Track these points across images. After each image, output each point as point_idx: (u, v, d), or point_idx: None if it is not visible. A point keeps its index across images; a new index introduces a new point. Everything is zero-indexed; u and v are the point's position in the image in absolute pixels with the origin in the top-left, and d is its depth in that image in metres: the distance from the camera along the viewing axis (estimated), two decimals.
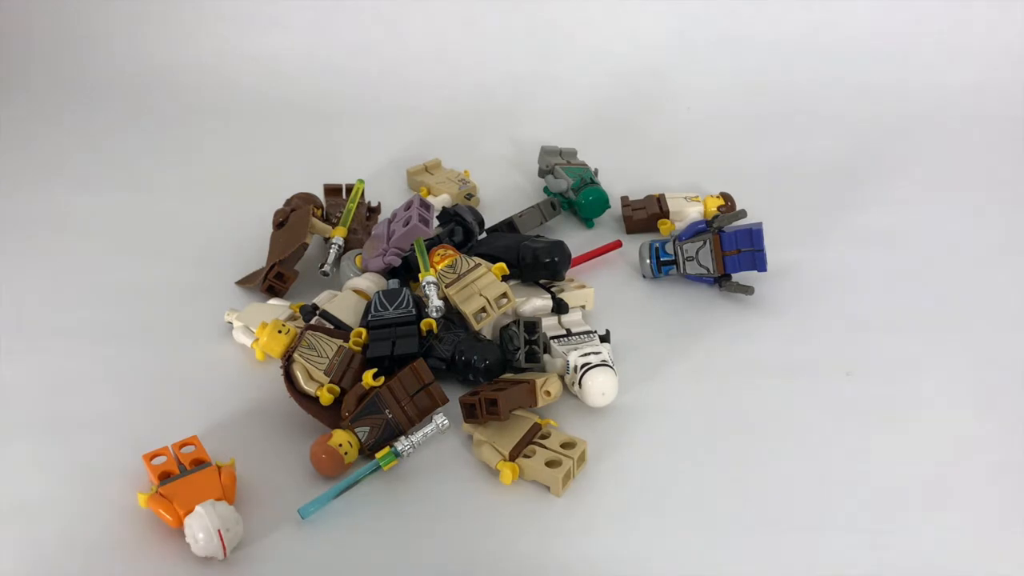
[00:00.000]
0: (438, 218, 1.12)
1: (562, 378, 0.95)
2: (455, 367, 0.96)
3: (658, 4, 1.62)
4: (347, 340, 0.95)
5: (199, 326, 1.05)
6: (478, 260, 1.02)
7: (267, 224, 1.17)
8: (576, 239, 1.17)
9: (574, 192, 1.24)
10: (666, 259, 1.11)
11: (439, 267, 1.01)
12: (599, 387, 0.92)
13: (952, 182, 1.35)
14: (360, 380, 0.90)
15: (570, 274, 1.10)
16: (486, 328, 1.00)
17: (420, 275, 1.00)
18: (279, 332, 0.96)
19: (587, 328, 1.01)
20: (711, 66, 1.58)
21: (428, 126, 1.49)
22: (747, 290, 1.08)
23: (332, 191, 1.22)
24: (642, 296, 1.12)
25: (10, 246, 1.20)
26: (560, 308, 1.03)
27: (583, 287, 1.07)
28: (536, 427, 0.90)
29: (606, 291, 1.10)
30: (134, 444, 0.87)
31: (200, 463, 0.83)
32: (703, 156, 1.42)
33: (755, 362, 1.01)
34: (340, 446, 0.85)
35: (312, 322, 0.98)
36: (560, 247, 1.06)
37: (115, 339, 1.03)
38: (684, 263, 1.10)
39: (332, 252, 1.11)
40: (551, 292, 1.05)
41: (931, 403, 0.96)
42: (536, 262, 1.05)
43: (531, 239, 1.09)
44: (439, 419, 0.88)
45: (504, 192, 1.33)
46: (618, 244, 1.18)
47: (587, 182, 1.24)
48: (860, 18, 1.60)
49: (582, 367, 0.93)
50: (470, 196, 1.28)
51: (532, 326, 0.97)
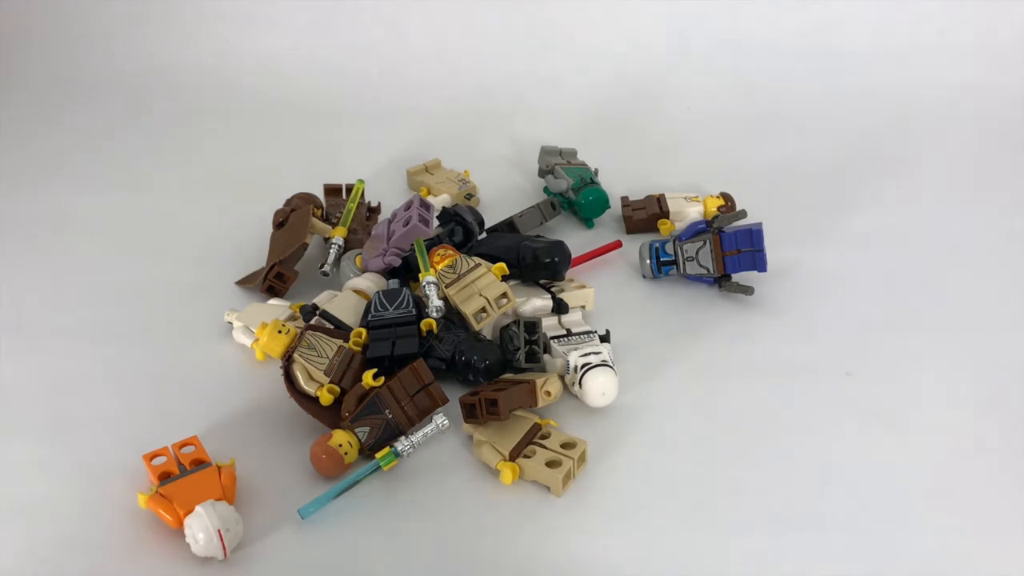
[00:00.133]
0: (438, 218, 1.12)
1: (562, 378, 0.95)
2: (455, 367, 0.96)
3: (658, 4, 1.62)
4: (347, 340, 0.95)
5: (199, 326, 1.05)
6: (478, 260, 1.02)
7: (267, 224, 1.17)
8: (576, 239, 1.17)
9: (574, 192, 1.23)
10: (666, 259, 1.11)
11: (439, 267, 1.01)
12: (599, 387, 0.92)
13: (952, 182, 1.35)
14: (360, 380, 0.90)
15: (570, 274, 1.10)
16: (486, 328, 1.00)
17: (420, 275, 1.00)
18: (279, 332, 0.96)
19: (587, 328, 1.01)
20: (711, 66, 1.58)
21: (428, 126, 1.49)
22: (747, 290, 1.08)
23: (332, 191, 1.22)
24: (642, 296, 1.12)
25: (10, 246, 1.20)
26: (560, 308, 1.03)
27: (583, 287, 1.07)
28: (536, 427, 0.90)
29: (606, 291, 1.10)
30: (134, 444, 0.87)
31: (200, 463, 0.83)
32: (703, 156, 1.42)
33: (755, 362, 1.01)
34: (340, 446, 0.85)
35: (312, 322, 0.98)
36: (560, 247, 1.06)
37: (115, 339, 1.03)
38: (684, 263, 1.10)
39: (332, 252, 1.11)
40: (551, 292, 1.05)
41: (931, 403, 0.96)
42: (536, 262, 1.05)
43: (531, 239, 1.09)
44: (439, 419, 0.88)
45: (504, 192, 1.33)
46: (618, 244, 1.18)
47: (587, 182, 1.24)
48: (860, 18, 1.59)
49: (582, 367, 0.93)
50: (470, 196, 1.28)
51: (532, 326, 0.97)
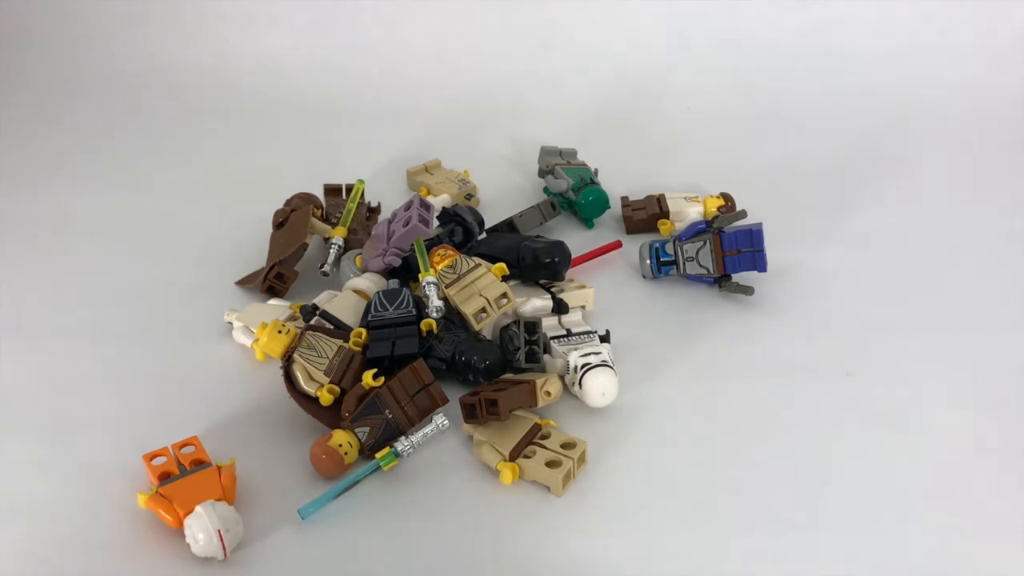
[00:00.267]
0: (438, 218, 1.12)
1: (562, 378, 0.95)
2: (455, 367, 0.96)
3: (658, 4, 1.62)
4: (347, 340, 0.95)
5: (199, 326, 1.05)
6: (478, 260, 1.02)
7: (267, 224, 1.17)
8: (576, 239, 1.17)
9: (574, 192, 1.23)
10: (666, 259, 1.11)
11: (439, 267, 1.01)
12: (599, 387, 0.92)
13: (952, 182, 1.35)
14: (360, 380, 0.90)
15: (570, 274, 1.10)
16: (486, 328, 1.00)
17: (420, 275, 1.00)
18: (279, 332, 0.96)
19: (587, 328, 1.01)
20: (711, 66, 1.58)
21: (428, 126, 1.49)
22: (747, 290, 1.08)
23: (332, 191, 1.22)
24: (642, 296, 1.12)
25: (10, 246, 1.20)
26: (560, 308, 1.03)
27: (583, 287, 1.07)
28: (536, 427, 0.90)
29: (606, 291, 1.10)
30: (134, 444, 0.87)
31: (200, 463, 0.83)
32: (703, 156, 1.42)
33: (755, 362, 1.01)
34: (340, 446, 0.85)
35: (312, 322, 0.98)
36: (560, 247, 1.06)
37: (115, 339, 1.03)
38: (684, 263, 1.10)
39: (332, 252, 1.11)
40: (551, 292, 1.05)
41: (931, 403, 0.96)
42: (536, 262, 1.05)
43: (531, 239, 1.09)
44: (439, 419, 0.88)
45: (504, 192, 1.33)
46: (618, 244, 1.18)
47: (587, 182, 1.24)
48: (860, 18, 1.59)
49: (582, 367, 0.93)
50: (470, 196, 1.28)
51: (532, 326, 0.97)
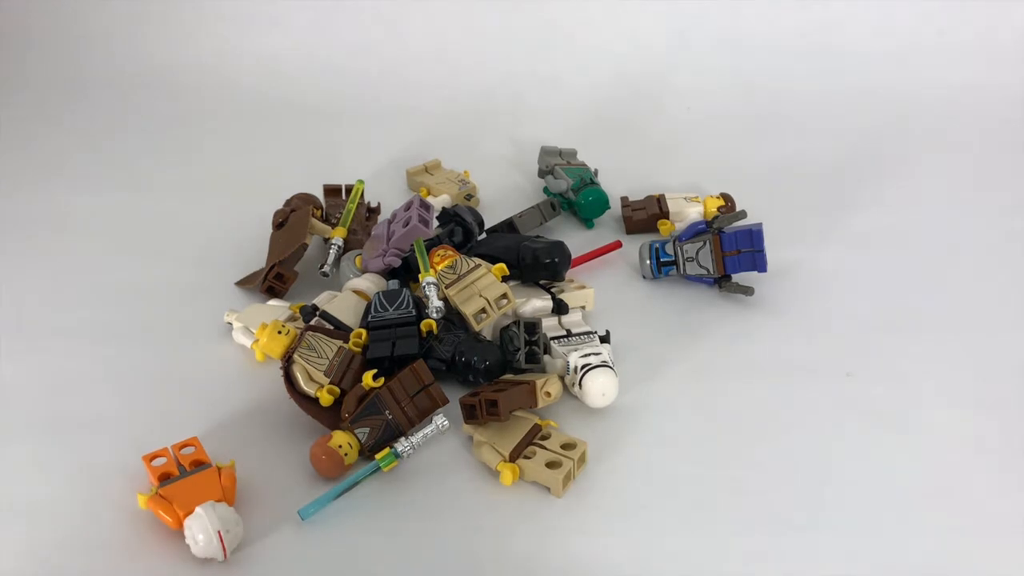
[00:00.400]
0: (438, 219, 1.12)
1: (562, 379, 0.95)
2: (455, 368, 0.96)
3: (658, 4, 1.62)
4: (347, 341, 0.95)
5: (199, 326, 1.05)
6: (478, 261, 1.02)
7: (267, 224, 1.17)
8: (576, 239, 1.17)
9: (574, 192, 1.23)
10: (666, 260, 1.11)
11: (439, 268, 1.01)
12: (599, 388, 0.92)
13: (952, 182, 1.35)
14: (360, 381, 0.90)
15: (570, 275, 1.10)
16: (486, 329, 1.00)
17: (420, 276, 1.00)
18: (279, 333, 0.96)
19: (587, 329, 1.01)
20: (711, 66, 1.58)
21: (428, 126, 1.49)
22: (747, 291, 1.08)
23: (332, 191, 1.22)
24: (642, 297, 1.12)
25: (10, 246, 1.20)
26: (560, 309, 1.03)
27: (583, 288, 1.07)
28: (536, 428, 0.90)
29: (606, 292, 1.10)
30: (134, 445, 0.87)
31: (200, 464, 0.83)
32: (703, 156, 1.42)
33: (755, 362, 1.01)
34: (340, 447, 0.85)
35: (312, 323, 0.98)
36: (560, 248, 1.06)
37: (115, 339, 1.03)
38: (684, 264, 1.10)
39: (332, 253, 1.11)
40: (551, 293, 1.05)
41: (931, 403, 0.96)
42: (536, 263, 1.05)
43: (531, 240, 1.09)
44: (439, 420, 0.88)
45: (504, 192, 1.33)
46: (618, 244, 1.18)
47: (587, 182, 1.24)
48: (860, 18, 1.59)
49: (582, 368, 0.93)
50: (470, 196, 1.28)
51: (532, 327, 0.97)
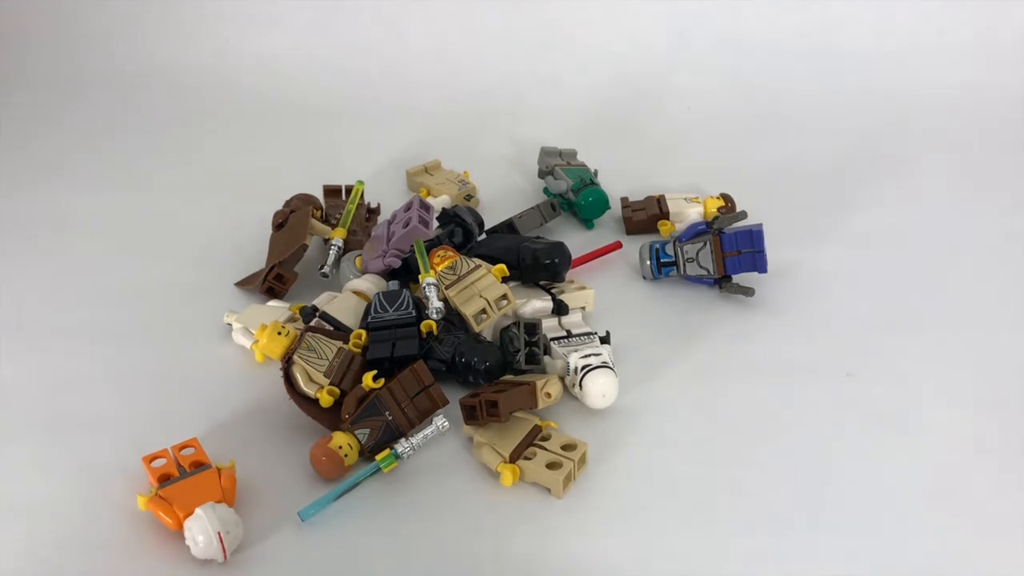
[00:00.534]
0: (438, 219, 1.12)
1: (562, 380, 0.95)
2: (455, 369, 0.96)
3: (658, 4, 1.62)
4: (347, 342, 0.95)
5: (199, 327, 1.05)
6: (478, 261, 1.02)
7: (267, 224, 1.17)
8: (576, 240, 1.17)
9: (574, 193, 1.23)
10: (666, 260, 1.11)
11: (439, 268, 1.01)
12: (599, 389, 0.92)
13: (952, 182, 1.35)
14: (360, 382, 0.90)
15: (570, 275, 1.10)
16: (486, 330, 1.00)
17: (420, 276, 1.00)
18: (279, 334, 0.96)
19: (587, 329, 1.01)
20: (711, 66, 1.58)
21: (428, 126, 1.49)
22: (747, 291, 1.08)
23: (331, 192, 1.22)
24: (642, 297, 1.12)
25: (10, 246, 1.20)
26: (560, 309, 1.03)
27: (583, 288, 1.07)
28: (537, 429, 0.90)
29: (606, 292, 1.10)
30: (134, 445, 0.87)
31: (200, 465, 0.83)
32: (703, 156, 1.42)
33: (755, 363, 1.01)
34: (340, 448, 0.85)
35: (312, 324, 0.98)
36: (560, 248, 1.06)
37: (115, 339, 1.03)
38: (684, 264, 1.10)
39: (332, 253, 1.10)
40: (551, 293, 1.05)
41: (931, 403, 0.96)
42: (536, 263, 1.05)
43: (531, 240, 1.09)
44: (439, 421, 0.88)
45: (504, 193, 1.32)
46: (618, 245, 1.18)
47: (587, 183, 1.24)
48: (860, 18, 1.59)
49: (582, 369, 0.93)
50: (470, 197, 1.28)
51: (532, 328, 0.96)
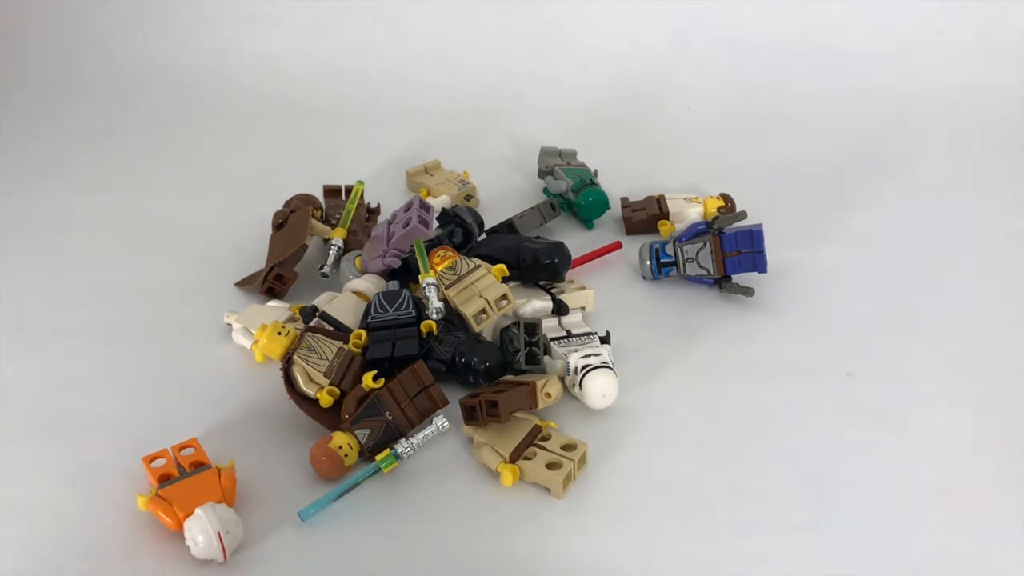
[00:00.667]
0: (437, 219, 1.12)
1: (562, 380, 0.95)
2: (455, 369, 0.96)
3: (658, 4, 1.61)
4: (347, 342, 0.95)
5: (199, 327, 1.05)
6: (478, 262, 1.02)
7: (267, 224, 1.16)
8: (576, 240, 1.17)
9: (574, 193, 1.23)
10: (666, 260, 1.11)
11: (439, 268, 1.01)
12: (599, 389, 0.92)
13: (952, 182, 1.35)
14: (360, 382, 0.90)
15: (570, 275, 1.10)
16: (486, 330, 1.00)
17: (420, 277, 1.00)
18: (279, 334, 0.96)
19: (587, 329, 1.01)
20: (711, 66, 1.58)
21: (428, 126, 1.49)
22: (747, 291, 1.08)
23: (331, 192, 1.22)
24: (642, 297, 1.12)
25: (10, 246, 1.20)
26: (560, 310, 1.03)
27: (583, 288, 1.07)
28: (536, 429, 0.90)
29: (606, 292, 1.10)
30: (134, 445, 0.87)
31: (200, 465, 0.83)
32: (703, 156, 1.42)
33: (755, 363, 1.01)
34: (340, 448, 0.85)
35: (312, 324, 0.98)
36: (560, 248, 1.06)
37: (115, 339, 1.03)
38: (684, 264, 1.10)
39: (331, 254, 1.10)
40: (551, 293, 1.05)
41: (931, 403, 0.96)
42: (536, 263, 1.05)
43: (531, 240, 1.09)
44: (439, 421, 0.88)
45: (504, 193, 1.32)
46: (618, 245, 1.18)
47: (587, 183, 1.24)
48: (860, 18, 1.59)
49: (582, 369, 0.93)
50: (470, 197, 1.28)
51: (532, 328, 0.96)
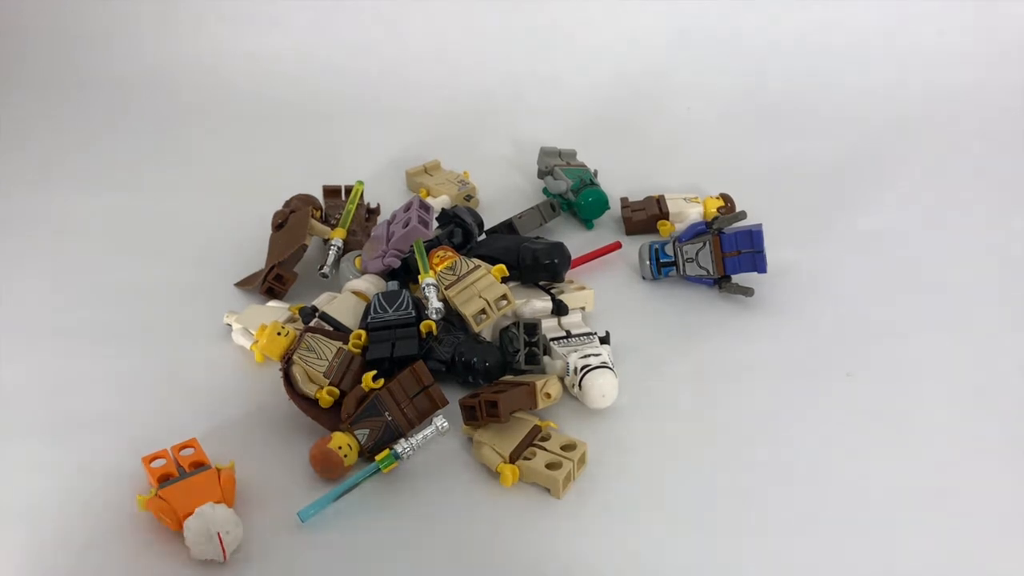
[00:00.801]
0: (437, 219, 1.12)
1: (562, 380, 0.95)
2: (455, 369, 0.96)
3: (658, 4, 1.61)
4: (346, 342, 0.95)
5: (199, 327, 1.05)
6: (478, 262, 1.02)
7: (267, 224, 1.16)
8: (576, 240, 1.17)
9: (573, 193, 1.23)
10: (666, 260, 1.11)
11: (439, 269, 1.01)
12: (599, 389, 0.92)
13: (952, 182, 1.35)
14: (360, 382, 0.90)
15: (570, 275, 1.10)
16: (486, 330, 1.00)
17: (420, 277, 1.00)
18: (278, 334, 0.96)
19: (587, 330, 1.01)
20: (711, 66, 1.58)
21: (428, 126, 1.49)
22: (747, 292, 1.08)
23: (331, 192, 1.22)
24: (642, 297, 1.12)
25: (10, 246, 1.20)
26: (560, 310, 1.03)
27: (583, 288, 1.07)
28: (536, 429, 0.90)
29: (606, 293, 1.10)
30: (134, 446, 0.87)
31: (199, 465, 0.83)
32: (703, 156, 1.42)
33: (755, 363, 1.01)
34: (339, 448, 0.85)
35: (311, 324, 0.98)
36: (560, 248, 1.06)
37: (115, 339, 1.03)
38: (684, 264, 1.10)
39: (331, 254, 1.10)
40: (551, 294, 1.05)
41: (931, 403, 0.96)
42: (536, 264, 1.05)
43: (531, 240, 1.09)
44: (439, 421, 0.88)
45: (504, 193, 1.32)
46: (618, 245, 1.18)
47: (586, 183, 1.24)
48: (860, 18, 1.59)
49: (582, 369, 0.93)
50: (469, 197, 1.28)
51: (532, 328, 0.96)
